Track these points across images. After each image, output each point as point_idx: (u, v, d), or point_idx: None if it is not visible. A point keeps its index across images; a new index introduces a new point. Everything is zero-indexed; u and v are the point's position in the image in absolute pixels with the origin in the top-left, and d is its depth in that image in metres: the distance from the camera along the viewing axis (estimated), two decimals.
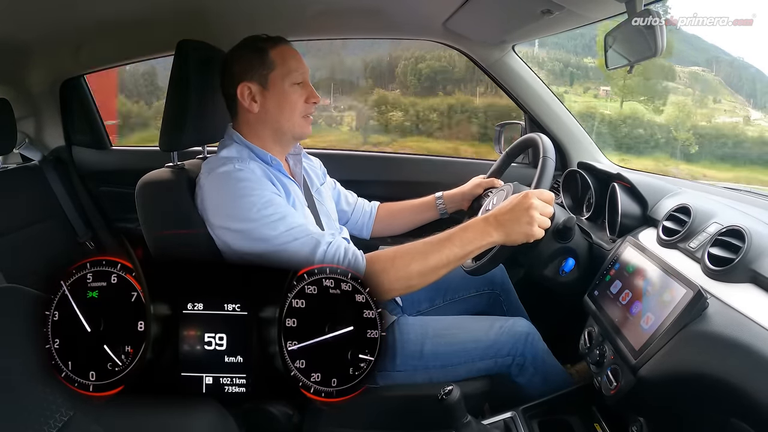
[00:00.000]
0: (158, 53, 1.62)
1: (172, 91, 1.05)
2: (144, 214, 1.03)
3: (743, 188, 1.24)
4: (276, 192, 0.95)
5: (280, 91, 1.01)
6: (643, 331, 0.78)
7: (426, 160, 1.86)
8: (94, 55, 1.61)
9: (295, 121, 1.04)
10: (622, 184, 1.09)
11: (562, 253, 1.05)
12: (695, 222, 0.88)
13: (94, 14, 1.29)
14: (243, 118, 1.04)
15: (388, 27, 1.54)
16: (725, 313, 0.68)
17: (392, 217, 1.36)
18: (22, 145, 1.70)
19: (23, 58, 1.52)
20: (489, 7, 1.22)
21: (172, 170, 1.06)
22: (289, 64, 1.02)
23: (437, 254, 0.89)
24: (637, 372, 0.76)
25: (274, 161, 1.03)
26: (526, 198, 0.90)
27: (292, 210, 0.94)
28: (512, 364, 1.06)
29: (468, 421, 0.79)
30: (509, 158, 1.32)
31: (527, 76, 1.54)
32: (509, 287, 1.34)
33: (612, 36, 1.05)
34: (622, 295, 0.89)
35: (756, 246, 0.73)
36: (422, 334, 1.08)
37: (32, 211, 1.59)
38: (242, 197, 0.90)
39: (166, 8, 1.30)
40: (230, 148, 1.01)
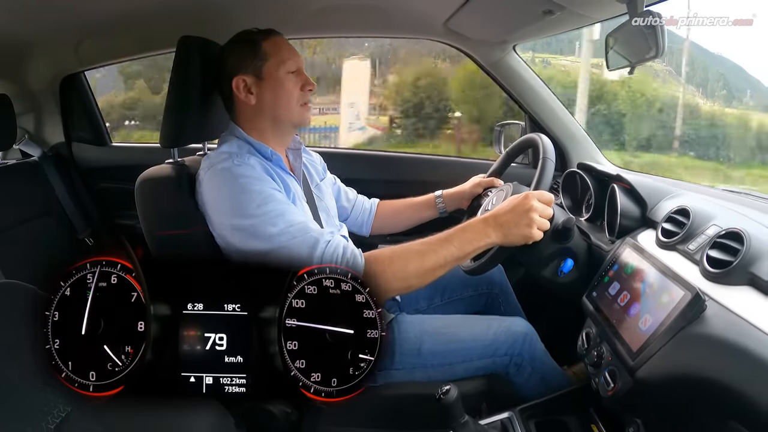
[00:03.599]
0: (159, 49, 1.61)
1: (172, 88, 1.05)
2: (143, 211, 1.03)
3: (742, 191, 1.24)
4: (276, 188, 0.95)
5: (276, 81, 1.01)
6: (641, 332, 0.78)
7: (426, 159, 1.86)
8: (95, 52, 1.60)
9: (293, 109, 1.04)
10: (622, 185, 1.09)
11: (561, 254, 1.05)
12: (694, 224, 0.88)
13: (95, 10, 1.29)
14: (241, 112, 1.04)
15: (389, 25, 1.54)
16: (723, 315, 0.68)
17: (392, 215, 1.36)
18: (21, 141, 1.69)
19: (23, 54, 1.52)
20: (490, 7, 1.22)
21: (172, 166, 1.06)
22: (282, 53, 1.02)
23: (435, 254, 0.89)
24: (634, 373, 0.77)
25: (274, 156, 1.03)
26: (526, 199, 0.90)
27: (291, 207, 0.94)
28: (510, 364, 1.06)
29: (465, 421, 0.79)
30: (509, 158, 1.33)
31: (528, 76, 1.54)
32: (507, 287, 1.35)
33: (613, 37, 1.04)
34: (620, 297, 0.89)
35: (755, 249, 0.73)
36: (420, 332, 1.08)
37: (32, 207, 1.59)
38: (241, 193, 0.90)
39: (166, 4, 1.29)
40: (230, 143, 1.01)
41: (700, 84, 5.67)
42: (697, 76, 5.66)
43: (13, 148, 1.67)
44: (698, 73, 5.60)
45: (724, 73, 5.60)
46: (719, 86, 5.65)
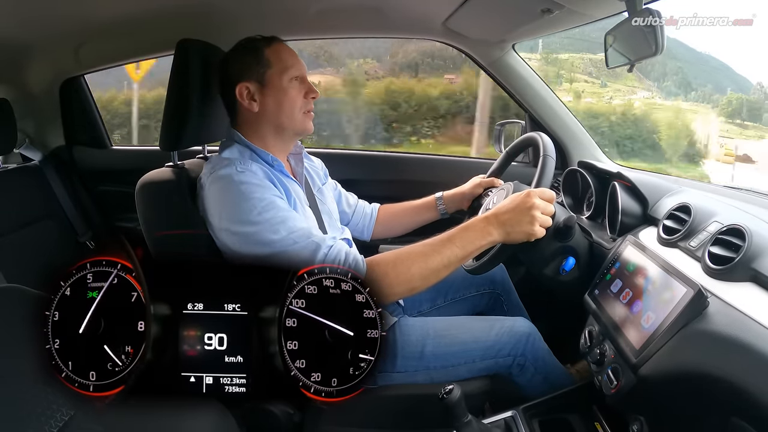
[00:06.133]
0: (158, 52, 1.62)
1: (172, 91, 1.05)
2: (144, 214, 1.03)
3: (744, 187, 1.24)
4: (278, 195, 0.95)
5: (279, 88, 1.01)
6: (644, 330, 0.78)
7: (426, 159, 1.86)
8: (95, 55, 1.61)
9: (296, 117, 1.04)
10: (623, 183, 1.09)
11: (563, 252, 1.05)
12: (696, 221, 0.88)
13: (95, 13, 1.29)
14: (244, 119, 1.04)
15: (388, 26, 1.54)
16: (726, 312, 0.68)
17: (393, 219, 1.36)
18: (22, 145, 1.69)
19: (24, 58, 1.52)
20: (489, 6, 1.22)
21: (172, 170, 1.06)
22: (285, 60, 1.02)
23: (438, 255, 0.89)
24: (637, 371, 0.76)
25: (275, 162, 1.03)
26: (528, 197, 0.90)
27: (293, 213, 0.94)
28: (513, 364, 1.06)
29: (469, 421, 0.79)
30: (509, 157, 1.32)
31: (527, 74, 1.54)
32: (510, 287, 1.34)
33: (612, 35, 1.04)
34: (622, 294, 0.89)
35: (756, 245, 0.73)
36: (423, 335, 1.08)
37: (32, 210, 1.59)
38: (244, 200, 0.90)
39: (166, 7, 1.30)
40: (232, 149, 1.01)
41: (657, 78, 5.70)
42: (655, 71, 5.67)
43: (14, 152, 1.67)
44: (656, 68, 5.62)
45: (681, 66, 5.64)
46: (676, 80, 5.67)
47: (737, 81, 5.76)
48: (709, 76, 5.76)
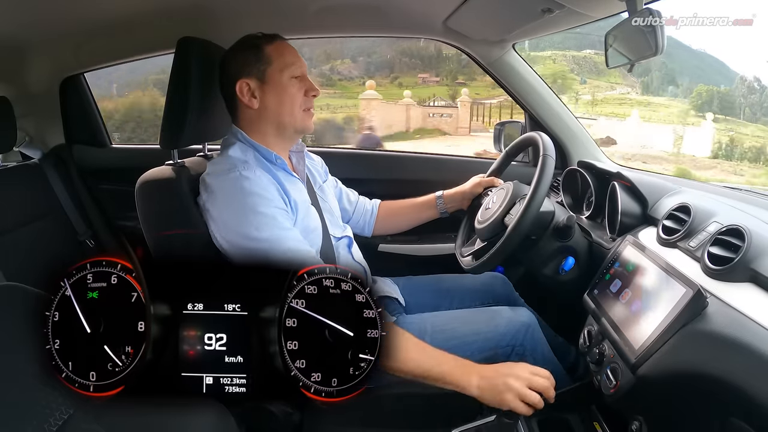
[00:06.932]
0: (159, 51, 1.61)
1: (172, 89, 1.05)
2: (144, 212, 1.03)
3: (744, 188, 1.24)
4: (281, 206, 0.96)
5: (279, 85, 1.01)
6: (643, 330, 0.78)
7: (426, 158, 1.86)
8: (95, 53, 1.60)
9: (296, 115, 1.04)
10: (623, 182, 1.09)
11: (562, 252, 1.05)
12: (695, 221, 0.88)
13: (95, 12, 1.29)
14: (244, 116, 1.04)
15: (389, 25, 1.54)
16: (725, 312, 0.68)
17: (393, 216, 1.36)
18: (22, 143, 1.69)
19: (23, 56, 1.52)
20: (489, 6, 1.22)
21: (172, 168, 1.06)
22: (285, 58, 1.02)
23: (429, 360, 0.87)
24: (636, 371, 0.77)
25: (278, 160, 1.03)
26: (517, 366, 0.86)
27: (292, 232, 0.95)
28: (512, 354, 1.05)
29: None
30: (509, 157, 1.32)
31: (527, 74, 1.54)
32: (516, 299, 1.33)
33: (612, 35, 1.04)
34: (621, 294, 0.89)
35: (756, 245, 0.73)
36: (421, 331, 1.07)
37: (32, 209, 1.59)
38: (244, 215, 0.92)
39: (166, 6, 1.30)
40: (234, 147, 1.02)
41: (642, 74, 5.78)
42: (640, 67, 5.73)
43: (14, 150, 1.67)
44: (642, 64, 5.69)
45: (665, 61, 5.75)
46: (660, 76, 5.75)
47: (730, 77, 5.81)
48: (703, 73, 5.83)
